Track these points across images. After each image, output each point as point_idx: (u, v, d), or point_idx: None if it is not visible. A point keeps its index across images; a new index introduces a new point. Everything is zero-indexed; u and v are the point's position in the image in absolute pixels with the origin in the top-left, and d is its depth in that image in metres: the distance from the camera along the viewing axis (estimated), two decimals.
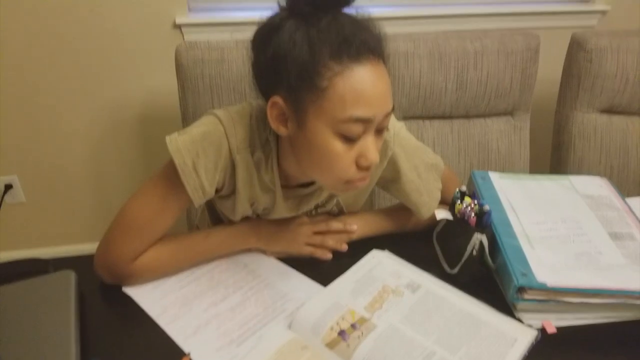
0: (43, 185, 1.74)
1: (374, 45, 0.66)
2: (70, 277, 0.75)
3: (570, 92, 1.37)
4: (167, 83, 1.57)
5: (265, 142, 0.76)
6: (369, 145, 0.68)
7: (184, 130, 0.76)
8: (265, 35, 0.67)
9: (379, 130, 0.70)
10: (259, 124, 0.76)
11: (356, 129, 0.66)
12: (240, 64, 1.20)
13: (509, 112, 1.38)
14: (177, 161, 0.72)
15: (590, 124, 1.37)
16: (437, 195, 0.89)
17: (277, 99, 0.68)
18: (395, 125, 0.83)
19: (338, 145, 0.67)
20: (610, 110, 1.39)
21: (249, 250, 0.86)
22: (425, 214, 0.87)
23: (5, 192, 1.72)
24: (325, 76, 0.64)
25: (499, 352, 0.65)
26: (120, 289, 0.78)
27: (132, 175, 1.76)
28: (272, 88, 0.69)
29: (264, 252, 0.86)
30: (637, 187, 1.39)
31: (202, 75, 1.19)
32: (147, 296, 0.76)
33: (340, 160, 0.68)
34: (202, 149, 0.73)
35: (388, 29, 0.71)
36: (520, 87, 1.33)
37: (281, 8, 0.67)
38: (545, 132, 1.52)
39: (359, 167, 0.69)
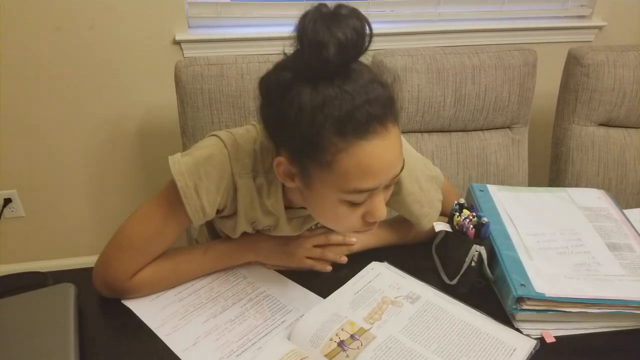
0: (42, 200, 1.74)
1: (383, 113, 0.62)
2: (69, 290, 0.76)
3: (568, 106, 1.39)
4: (166, 98, 1.59)
5: (269, 168, 0.76)
6: (376, 204, 0.68)
7: (187, 151, 0.76)
8: (272, 94, 0.65)
9: (388, 186, 0.70)
10: (262, 150, 0.76)
11: (361, 197, 0.66)
12: (239, 79, 1.21)
13: (508, 126, 1.40)
14: (179, 183, 0.72)
15: (588, 137, 1.38)
16: (438, 206, 0.89)
17: (282, 160, 0.67)
18: None
19: (344, 209, 0.67)
20: (607, 124, 1.40)
21: (248, 263, 0.86)
22: (426, 225, 0.87)
23: (4, 206, 1.72)
24: (329, 151, 0.62)
25: None
26: (120, 301, 0.78)
27: (131, 189, 1.76)
28: (278, 144, 0.69)
29: (263, 265, 0.86)
30: (635, 199, 1.39)
31: (202, 90, 1.20)
32: (146, 308, 0.76)
33: (347, 220, 0.69)
34: (204, 172, 0.73)
35: (387, 44, 0.71)
36: (518, 101, 1.35)
37: (288, 63, 0.64)
38: (543, 145, 1.53)
39: (366, 222, 0.70)
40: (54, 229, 1.80)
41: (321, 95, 0.60)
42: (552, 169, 1.46)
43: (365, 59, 0.64)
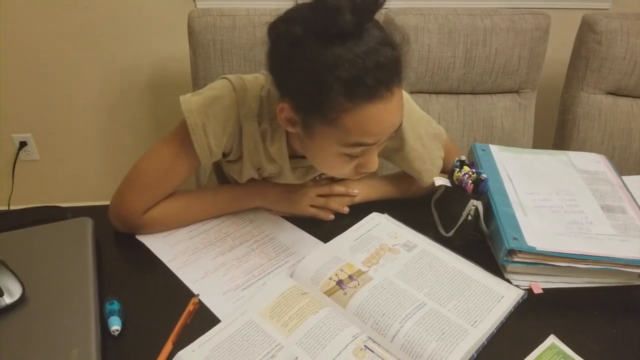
0: (56, 144, 1.79)
1: (390, 78, 0.64)
2: (87, 224, 0.80)
3: (578, 73, 1.39)
4: (178, 49, 1.60)
5: (274, 115, 0.78)
6: (370, 158, 0.72)
7: (198, 91, 0.79)
8: (281, 46, 0.66)
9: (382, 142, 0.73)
10: (269, 97, 0.78)
11: (359, 150, 0.70)
12: (251, 31, 1.22)
13: (516, 90, 1.41)
14: (189, 121, 0.76)
15: (595, 105, 1.39)
16: (439, 163, 0.92)
17: (285, 106, 0.69)
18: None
19: (340, 160, 0.71)
20: (616, 93, 1.40)
21: (255, 209, 0.90)
22: (427, 180, 0.90)
23: (20, 149, 1.77)
24: (335, 109, 0.64)
25: (485, 307, 0.69)
26: (134, 236, 0.83)
27: (142, 136, 1.81)
28: (283, 92, 0.70)
29: (269, 211, 0.90)
30: (638, 168, 1.41)
31: (214, 41, 1.22)
32: (159, 244, 0.81)
33: (341, 169, 0.74)
34: (212, 113, 0.76)
35: (400, 2, 0.70)
36: (528, 65, 1.35)
37: (299, 17, 0.63)
38: (550, 112, 1.54)
39: (358, 171, 0.74)
40: (67, 173, 1.86)
41: (332, 56, 0.61)
42: (557, 136, 1.47)
43: (378, 16, 0.65)
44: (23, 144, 1.77)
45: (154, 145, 0.81)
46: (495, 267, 0.79)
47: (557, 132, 1.47)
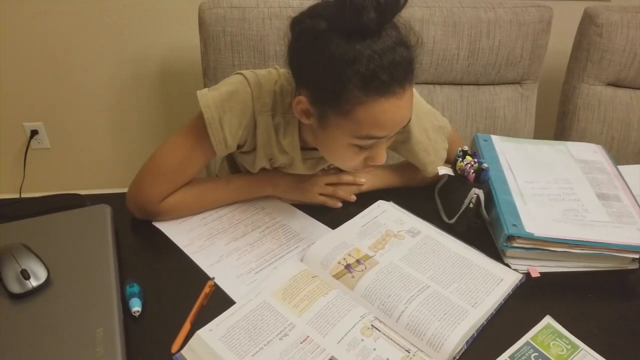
0: (67, 133, 1.82)
1: (404, 76, 0.68)
2: (106, 210, 0.84)
3: (579, 65, 1.42)
4: (189, 39, 1.63)
5: (287, 108, 0.83)
6: (379, 152, 0.76)
7: (214, 87, 0.83)
8: (305, 39, 0.69)
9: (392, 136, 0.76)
10: (282, 91, 0.82)
11: (369, 143, 0.73)
12: (261, 23, 1.25)
13: (518, 81, 1.43)
14: (206, 115, 0.79)
15: (595, 96, 1.42)
16: (443, 155, 0.96)
17: (303, 99, 0.73)
18: None
19: (351, 152, 0.75)
20: (615, 84, 1.43)
21: (266, 197, 0.94)
22: (431, 171, 0.94)
23: (31, 137, 1.81)
24: (350, 101, 0.67)
25: (485, 289, 0.74)
26: (151, 223, 0.86)
27: (151, 127, 1.83)
28: (300, 84, 0.75)
29: (280, 199, 0.94)
30: (636, 157, 1.45)
31: (224, 33, 1.25)
32: (175, 230, 0.85)
33: (351, 161, 0.77)
34: (229, 107, 0.80)
35: None
36: (530, 57, 1.38)
37: (325, 12, 0.67)
38: (551, 102, 1.57)
39: (366, 164, 0.78)
40: (78, 161, 1.89)
41: (352, 51, 0.65)
42: (557, 126, 1.50)
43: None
44: (34, 133, 1.80)
45: (171, 137, 0.84)
46: (495, 252, 0.83)
47: (558, 122, 1.50)
